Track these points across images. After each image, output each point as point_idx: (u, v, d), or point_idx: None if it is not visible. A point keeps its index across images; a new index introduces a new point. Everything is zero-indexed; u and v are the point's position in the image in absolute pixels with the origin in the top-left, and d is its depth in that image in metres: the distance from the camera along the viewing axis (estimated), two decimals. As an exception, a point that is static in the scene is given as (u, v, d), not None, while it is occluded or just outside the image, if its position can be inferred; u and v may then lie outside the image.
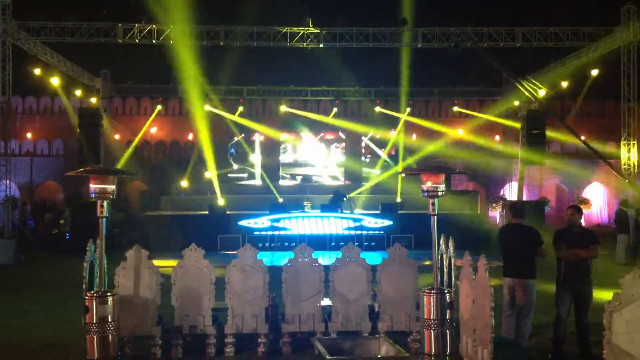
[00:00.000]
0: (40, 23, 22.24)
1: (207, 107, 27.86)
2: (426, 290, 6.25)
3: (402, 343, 7.24)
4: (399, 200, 24.25)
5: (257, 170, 29.50)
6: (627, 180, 21.64)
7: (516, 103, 27.47)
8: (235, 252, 7.96)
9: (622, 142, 22.74)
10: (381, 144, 30.39)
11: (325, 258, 8.27)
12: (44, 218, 24.83)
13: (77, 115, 25.39)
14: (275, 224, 21.05)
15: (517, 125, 26.98)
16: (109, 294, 6.50)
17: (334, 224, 21.09)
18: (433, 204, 6.31)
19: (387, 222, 21.12)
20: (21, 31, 21.69)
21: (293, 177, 29.82)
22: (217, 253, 18.53)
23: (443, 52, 23.23)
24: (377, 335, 7.38)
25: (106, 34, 22.52)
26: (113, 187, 6.50)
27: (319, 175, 29.94)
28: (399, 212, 22.19)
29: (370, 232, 20.95)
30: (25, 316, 10.41)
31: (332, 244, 19.77)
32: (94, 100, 27.31)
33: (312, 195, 24.97)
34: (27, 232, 22.68)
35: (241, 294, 7.56)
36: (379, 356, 6.75)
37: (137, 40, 22.45)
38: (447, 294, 6.25)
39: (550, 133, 26.60)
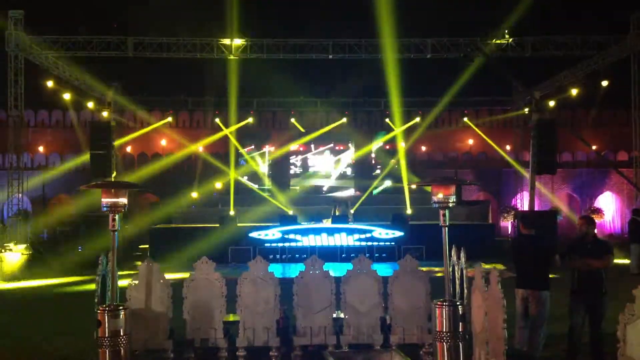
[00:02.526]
0: (52, 37, 22.48)
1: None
2: (438, 302, 6.21)
3: (414, 356, 7.21)
4: (409, 211, 24.20)
5: (267, 182, 29.62)
6: (638, 189, 21.50)
7: (527, 112, 27.43)
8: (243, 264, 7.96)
9: (634, 151, 22.64)
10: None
11: (336, 270, 8.23)
12: (56, 231, 24.93)
13: (89, 128, 25.50)
14: (286, 236, 21.04)
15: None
16: (120, 307, 6.51)
17: (345, 236, 21.05)
18: (444, 215, 6.28)
19: (398, 233, 21.07)
20: (33, 45, 21.93)
21: (303, 188, 29.89)
22: (227, 265, 18.55)
23: (453, 62, 23.30)
24: (389, 348, 7.35)
25: (117, 47, 22.76)
26: (125, 200, 6.53)
27: (328, 186, 29.98)
28: (410, 223, 22.13)
29: (381, 244, 20.90)
30: (38, 329, 10.45)
31: (343, 255, 19.76)
32: (105, 113, 27.48)
33: (322, 206, 24.95)
34: (40, 244, 22.76)
35: (252, 306, 7.55)
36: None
37: (147, 54, 22.72)
38: (459, 306, 6.21)
39: (561, 142, 26.51)
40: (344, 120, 30.81)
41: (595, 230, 7.90)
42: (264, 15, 26.57)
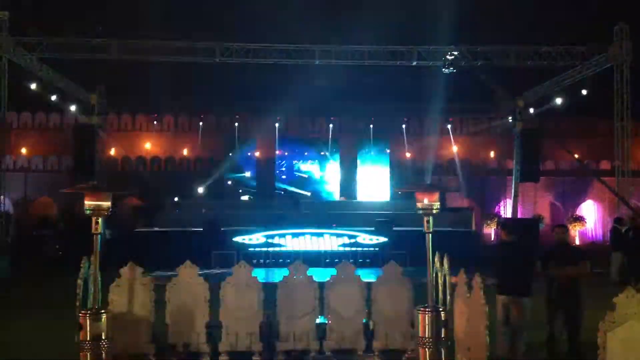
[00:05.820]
0: (36, 39, 22.30)
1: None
2: (421, 308, 6.23)
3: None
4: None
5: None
6: (620, 198, 21.71)
7: (510, 120, 27.60)
8: (229, 269, 7.94)
9: (616, 160, 22.87)
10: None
11: (320, 275, 8.22)
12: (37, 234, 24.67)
13: (72, 132, 25.29)
14: (270, 240, 20.98)
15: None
16: (102, 311, 6.46)
17: (329, 241, 21.04)
18: (428, 221, 6.31)
19: (382, 239, 21.08)
20: (17, 47, 21.72)
21: (288, 193, 29.84)
22: (211, 269, 18.43)
23: (437, 70, 23.45)
24: (371, 354, 7.35)
25: (101, 50, 22.62)
26: (108, 203, 6.48)
27: (314, 192, 29.97)
28: (394, 228, 22.13)
29: (365, 249, 20.90)
30: (18, 334, 10.31)
31: (327, 260, 19.72)
32: (89, 116, 27.28)
33: (308, 212, 24.89)
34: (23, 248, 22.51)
35: (235, 311, 7.53)
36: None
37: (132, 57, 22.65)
38: (441, 312, 6.23)
39: (544, 151, 26.75)
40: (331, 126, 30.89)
41: (577, 238, 8.00)
42: (252, 20, 26.56)
